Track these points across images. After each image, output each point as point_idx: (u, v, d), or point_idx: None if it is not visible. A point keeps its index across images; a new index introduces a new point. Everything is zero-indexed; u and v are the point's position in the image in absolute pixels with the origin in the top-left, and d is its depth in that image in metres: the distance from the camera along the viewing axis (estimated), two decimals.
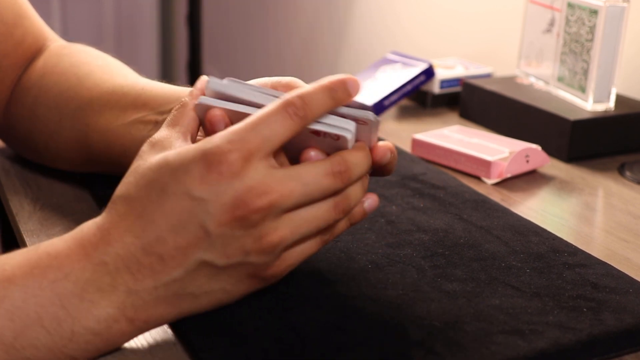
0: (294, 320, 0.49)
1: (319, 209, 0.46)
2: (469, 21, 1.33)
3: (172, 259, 0.43)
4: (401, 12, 1.52)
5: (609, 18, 0.87)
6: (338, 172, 0.45)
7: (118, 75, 0.68)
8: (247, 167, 0.43)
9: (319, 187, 0.45)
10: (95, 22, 3.04)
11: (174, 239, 0.43)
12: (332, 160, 0.46)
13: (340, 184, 0.46)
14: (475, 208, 0.68)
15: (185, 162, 0.44)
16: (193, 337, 0.47)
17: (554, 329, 0.49)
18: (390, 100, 1.00)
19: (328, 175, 0.45)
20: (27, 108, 0.71)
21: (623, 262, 0.63)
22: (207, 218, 0.43)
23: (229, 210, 0.43)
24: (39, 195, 0.70)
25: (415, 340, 0.47)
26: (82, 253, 0.44)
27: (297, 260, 0.48)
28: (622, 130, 0.90)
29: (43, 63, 0.72)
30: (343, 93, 0.46)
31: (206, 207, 0.43)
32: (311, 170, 0.45)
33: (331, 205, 0.46)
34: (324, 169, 0.45)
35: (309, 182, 0.44)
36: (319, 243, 0.48)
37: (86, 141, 0.66)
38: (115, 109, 0.64)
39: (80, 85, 0.68)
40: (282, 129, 0.44)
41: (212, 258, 0.44)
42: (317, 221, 0.46)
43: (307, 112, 0.45)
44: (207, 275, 0.45)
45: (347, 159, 0.46)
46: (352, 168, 0.46)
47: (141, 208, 0.44)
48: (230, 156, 0.43)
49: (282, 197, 0.43)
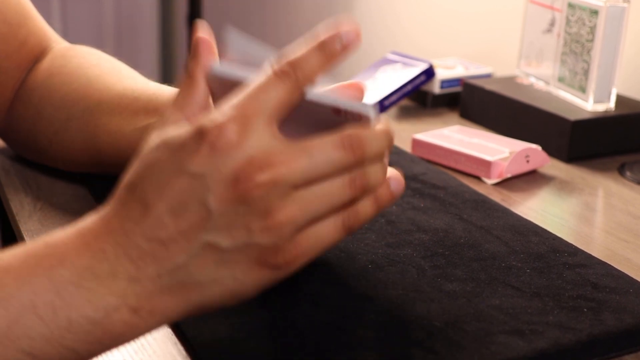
0: (294, 320, 0.49)
1: (332, 185, 0.42)
2: (469, 21, 1.33)
3: (174, 243, 0.41)
4: (401, 12, 1.52)
5: (609, 18, 0.87)
6: (349, 145, 0.42)
7: (127, 78, 0.69)
8: (246, 134, 0.40)
9: (328, 159, 0.41)
10: (95, 22, 3.04)
11: (175, 221, 0.41)
12: (343, 133, 0.42)
13: (352, 158, 0.42)
14: (475, 208, 0.68)
15: (181, 139, 0.41)
16: (193, 337, 0.47)
17: (554, 329, 0.49)
18: (391, 101, 1.00)
19: (338, 147, 0.42)
20: (32, 108, 0.71)
21: (623, 262, 0.63)
22: (208, 195, 0.40)
23: (231, 185, 0.40)
24: (39, 195, 0.70)
25: (415, 340, 0.47)
26: (81, 241, 0.42)
27: (314, 247, 0.43)
28: (622, 130, 0.90)
29: (49, 64, 0.72)
30: (336, 45, 0.42)
31: (206, 183, 0.40)
32: (319, 141, 0.41)
33: (346, 181, 0.42)
34: (333, 141, 0.42)
35: (316, 154, 0.41)
36: (339, 228, 0.43)
37: (94, 143, 0.66)
38: (125, 112, 0.65)
39: (89, 87, 0.68)
40: (277, 92, 0.41)
41: (216, 239, 0.41)
42: (331, 197, 0.42)
43: (299, 74, 0.42)
44: (213, 261, 0.42)
45: (361, 134, 0.42)
46: (366, 143, 0.42)
47: (141, 193, 0.42)
48: (226, 126, 0.40)
49: (287, 171, 0.40)
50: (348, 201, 0.43)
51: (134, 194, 0.42)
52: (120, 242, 0.41)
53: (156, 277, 0.41)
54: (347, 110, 0.43)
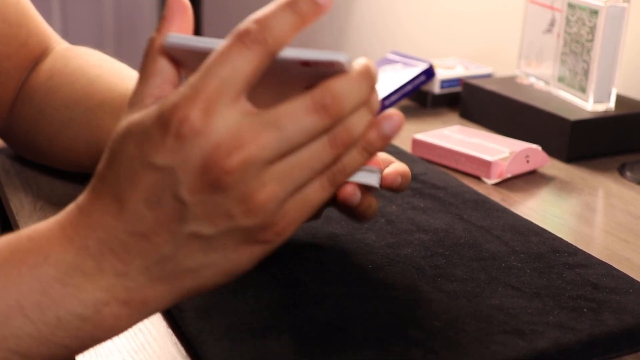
0: (294, 319, 0.49)
1: (310, 150, 0.39)
2: (469, 21, 1.33)
3: (156, 235, 0.39)
4: (401, 12, 1.52)
5: (609, 18, 0.87)
6: (322, 107, 0.38)
7: (128, 79, 0.69)
8: (211, 119, 0.37)
9: (301, 128, 0.38)
10: (95, 22, 3.04)
11: (152, 214, 0.38)
12: (313, 92, 0.38)
13: (328, 120, 0.38)
14: (475, 208, 0.68)
15: (144, 128, 0.38)
16: (193, 336, 0.47)
17: (554, 329, 0.49)
18: (391, 100, 1.00)
19: (309, 112, 0.38)
20: (33, 108, 0.71)
21: (623, 262, 0.63)
22: (179, 187, 0.38)
23: (200, 174, 0.37)
24: (39, 195, 0.70)
25: (415, 340, 0.47)
26: (63, 236, 0.40)
27: (303, 212, 0.40)
28: (622, 130, 0.90)
29: (50, 65, 0.72)
30: (308, 5, 0.38)
31: (175, 175, 0.38)
32: (288, 109, 0.38)
33: (326, 143, 0.39)
34: (303, 105, 0.38)
35: (287, 125, 0.37)
36: (325, 185, 0.41)
37: (96, 144, 0.66)
38: None
39: (90, 87, 0.68)
40: (243, 63, 0.37)
41: (198, 228, 0.39)
42: (311, 163, 0.39)
43: (267, 36, 0.37)
44: (200, 248, 0.39)
45: (334, 87, 0.38)
46: (342, 97, 0.38)
47: (113, 185, 0.39)
48: (189, 112, 0.37)
49: (257, 149, 0.37)
50: (332, 161, 0.40)
51: (106, 185, 0.40)
52: (102, 237, 0.40)
53: (144, 270, 0.40)
54: (317, 61, 0.38)
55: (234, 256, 0.40)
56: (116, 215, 0.39)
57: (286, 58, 0.38)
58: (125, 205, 0.39)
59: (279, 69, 0.39)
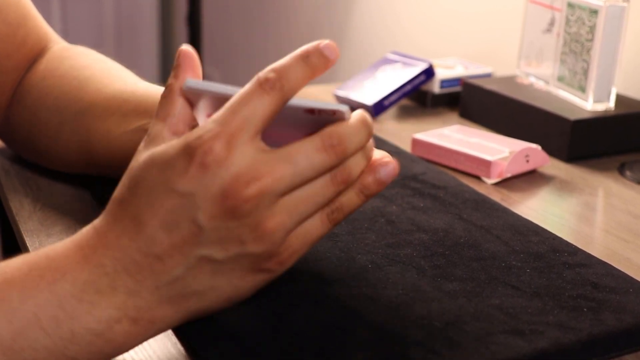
0: (294, 320, 0.49)
1: (315, 186, 0.43)
2: (469, 21, 1.33)
3: (170, 257, 0.42)
4: (401, 12, 1.52)
5: (609, 18, 0.87)
6: (330, 146, 0.43)
7: (118, 79, 0.68)
8: (232, 153, 0.41)
9: (311, 164, 0.43)
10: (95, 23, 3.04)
11: (169, 237, 0.42)
12: (323, 134, 0.43)
13: (335, 158, 0.43)
14: (475, 208, 0.68)
15: (168, 157, 0.42)
16: (193, 337, 0.47)
17: (554, 329, 0.49)
18: (390, 100, 1.00)
19: (319, 150, 0.43)
20: (27, 110, 0.71)
21: (623, 262, 0.63)
22: (198, 213, 0.41)
23: (219, 202, 0.41)
24: (39, 195, 0.70)
25: (415, 340, 0.47)
26: (80, 255, 0.43)
27: (304, 244, 0.45)
28: (622, 130, 0.90)
29: (45, 65, 0.72)
30: (319, 58, 0.43)
31: (195, 201, 0.41)
32: (301, 148, 0.43)
33: (328, 180, 0.44)
34: (314, 145, 0.43)
35: (299, 161, 0.42)
36: (325, 222, 0.45)
37: (88, 146, 0.66)
38: (116, 115, 0.65)
39: (80, 89, 0.68)
40: (262, 106, 0.42)
41: (210, 252, 0.42)
42: (315, 198, 0.44)
43: (284, 83, 0.42)
44: (209, 272, 0.43)
45: (339, 131, 0.43)
46: (346, 140, 0.43)
47: (133, 209, 0.43)
48: (213, 144, 0.41)
49: (273, 182, 0.42)
50: (332, 197, 0.45)
51: (126, 210, 0.43)
52: (117, 257, 0.43)
53: (155, 290, 0.43)
54: (322, 109, 0.44)
55: (238, 282, 0.45)
56: (133, 237, 0.43)
57: (295, 105, 0.44)
58: (143, 228, 0.42)
59: (287, 114, 0.44)
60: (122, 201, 0.44)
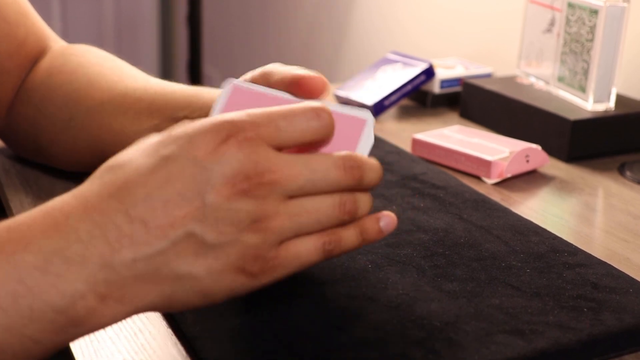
0: (294, 320, 0.49)
1: (323, 202, 0.43)
2: (469, 21, 1.33)
3: (158, 228, 0.40)
4: (401, 12, 1.52)
5: (609, 18, 0.87)
6: (349, 167, 0.43)
7: (128, 77, 0.69)
8: (257, 147, 0.41)
9: (327, 176, 0.43)
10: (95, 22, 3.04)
11: (165, 206, 0.40)
12: (345, 154, 0.44)
13: (351, 180, 0.44)
14: (475, 208, 0.68)
15: (195, 130, 0.41)
16: (193, 337, 0.47)
17: (554, 329, 0.49)
18: (390, 100, 1.00)
19: (338, 167, 0.43)
20: (33, 107, 0.71)
21: (623, 262, 0.63)
22: (207, 188, 0.40)
23: (231, 182, 0.40)
24: (39, 195, 0.70)
25: (415, 340, 0.47)
26: (50, 221, 0.39)
27: (291, 263, 0.43)
28: (622, 130, 0.90)
29: (49, 63, 0.72)
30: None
31: (209, 175, 0.40)
32: (320, 159, 0.43)
33: (336, 201, 0.44)
34: (334, 161, 0.43)
35: (317, 169, 0.42)
36: (319, 249, 0.44)
37: (98, 143, 0.66)
38: (128, 113, 0.65)
39: (90, 86, 0.68)
40: (305, 126, 0.43)
41: (203, 232, 0.40)
42: (318, 214, 0.43)
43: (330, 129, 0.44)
44: (192, 253, 0.41)
45: (360, 158, 0.44)
46: (365, 167, 0.44)
47: (133, 173, 0.40)
48: (243, 132, 0.41)
49: (287, 178, 0.41)
50: (334, 223, 0.44)
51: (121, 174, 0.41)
52: (97, 220, 0.39)
53: (131, 263, 0.40)
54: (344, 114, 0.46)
55: (217, 276, 0.41)
56: (123, 199, 0.40)
57: None
58: (139, 190, 0.40)
59: None
60: (119, 166, 0.41)
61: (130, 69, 0.71)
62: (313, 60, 1.93)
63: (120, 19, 3.07)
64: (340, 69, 1.80)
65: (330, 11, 1.82)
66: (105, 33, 3.06)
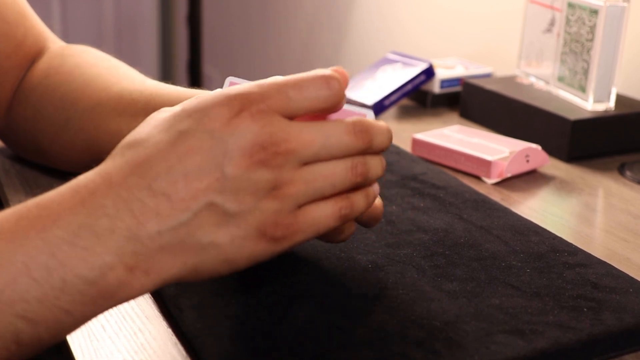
0: (294, 319, 0.49)
1: (337, 166, 0.45)
2: (469, 21, 1.33)
3: (180, 201, 0.41)
4: (401, 12, 1.52)
5: (609, 18, 0.87)
6: (359, 131, 0.45)
7: (125, 78, 0.69)
8: (270, 117, 0.42)
9: (340, 141, 0.44)
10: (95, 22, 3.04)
11: (185, 178, 0.41)
12: (355, 120, 0.45)
13: (362, 143, 0.45)
14: (475, 208, 0.68)
15: (208, 104, 0.43)
16: (193, 337, 0.47)
17: (554, 329, 0.49)
18: (390, 100, 1.00)
19: (350, 132, 0.45)
20: (31, 108, 0.71)
21: (623, 262, 0.63)
22: (225, 160, 0.41)
23: (248, 154, 0.42)
24: (40, 194, 0.70)
25: (415, 340, 0.47)
26: (77, 198, 0.41)
27: (311, 227, 0.45)
28: (622, 130, 0.90)
29: (47, 64, 0.72)
30: None
31: (226, 148, 0.41)
32: (332, 125, 0.45)
33: (349, 165, 0.45)
34: (344, 127, 0.45)
35: (330, 135, 0.44)
36: (336, 214, 0.45)
37: (95, 144, 0.66)
38: (125, 114, 0.65)
39: (87, 87, 0.68)
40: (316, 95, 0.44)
41: (223, 201, 0.42)
42: (333, 177, 0.45)
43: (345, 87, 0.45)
44: (214, 222, 0.42)
45: (368, 122, 0.46)
46: (373, 133, 0.46)
47: (153, 149, 0.42)
48: (255, 104, 0.42)
49: (303, 145, 0.43)
50: (347, 186, 0.45)
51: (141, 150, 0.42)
52: (122, 195, 0.41)
53: (156, 235, 0.41)
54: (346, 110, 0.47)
55: (240, 243, 0.43)
56: (145, 175, 0.41)
57: None
58: (160, 165, 0.41)
59: None
60: (138, 142, 0.43)
61: (127, 69, 0.71)
62: (313, 60, 1.93)
63: (120, 19, 3.07)
64: None
65: (330, 11, 1.82)
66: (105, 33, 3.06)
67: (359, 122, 0.45)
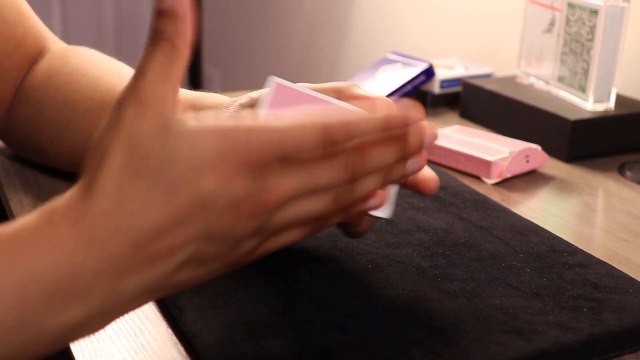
0: (294, 319, 0.49)
1: (318, 203, 0.42)
2: (469, 21, 1.33)
3: (165, 253, 0.39)
4: (401, 12, 1.52)
5: (609, 18, 0.87)
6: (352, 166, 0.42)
7: (127, 79, 0.69)
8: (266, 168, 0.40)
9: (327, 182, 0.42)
10: (95, 23, 3.04)
11: (174, 234, 0.39)
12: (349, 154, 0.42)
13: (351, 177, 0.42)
14: (475, 208, 0.68)
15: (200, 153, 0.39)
16: (193, 337, 0.47)
17: (554, 329, 0.49)
18: None
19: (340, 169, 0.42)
20: (32, 108, 0.71)
21: (623, 262, 0.63)
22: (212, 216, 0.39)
23: (237, 208, 0.39)
24: (39, 195, 0.70)
25: (415, 340, 0.47)
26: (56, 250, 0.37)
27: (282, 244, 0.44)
28: (622, 130, 0.90)
29: (49, 64, 0.72)
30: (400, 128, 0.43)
31: (215, 203, 0.39)
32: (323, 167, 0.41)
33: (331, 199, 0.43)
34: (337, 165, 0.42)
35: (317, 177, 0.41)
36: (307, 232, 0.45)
37: None
38: None
39: (90, 87, 0.68)
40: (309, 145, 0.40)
41: (207, 250, 0.40)
42: (314, 212, 0.43)
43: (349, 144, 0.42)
44: (193, 268, 0.41)
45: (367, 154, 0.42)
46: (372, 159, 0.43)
47: (139, 192, 0.38)
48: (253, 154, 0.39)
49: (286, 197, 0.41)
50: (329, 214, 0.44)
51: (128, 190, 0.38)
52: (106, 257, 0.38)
53: (136, 288, 0.39)
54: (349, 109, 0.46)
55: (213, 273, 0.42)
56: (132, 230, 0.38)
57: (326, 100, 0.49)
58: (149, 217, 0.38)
59: None
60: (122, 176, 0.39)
61: (129, 70, 0.71)
62: (313, 60, 1.93)
63: (120, 19, 3.07)
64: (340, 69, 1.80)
65: (330, 11, 1.82)
66: (105, 33, 3.06)
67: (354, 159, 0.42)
